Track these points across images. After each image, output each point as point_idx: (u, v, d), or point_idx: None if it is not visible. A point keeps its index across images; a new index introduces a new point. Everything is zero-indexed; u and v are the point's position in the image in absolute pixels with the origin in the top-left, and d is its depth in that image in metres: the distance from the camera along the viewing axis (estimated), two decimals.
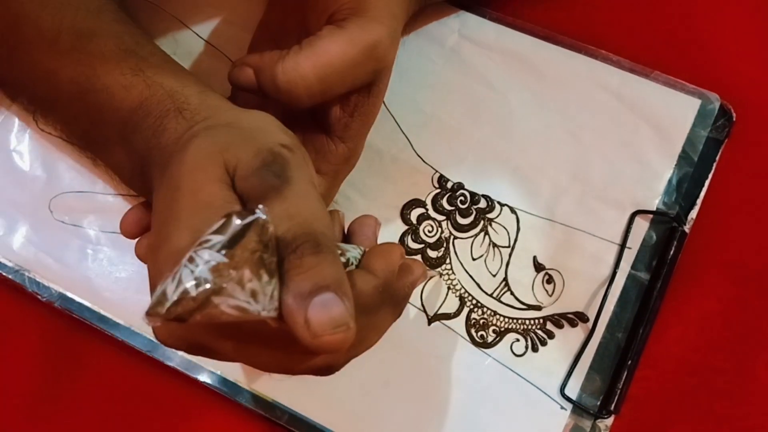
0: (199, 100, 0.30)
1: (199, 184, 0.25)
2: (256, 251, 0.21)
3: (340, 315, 0.22)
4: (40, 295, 0.38)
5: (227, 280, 0.20)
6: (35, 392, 0.38)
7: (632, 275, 0.36)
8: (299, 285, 0.22)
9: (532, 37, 0.39)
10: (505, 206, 0.38)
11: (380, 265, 0.28)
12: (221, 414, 0.37)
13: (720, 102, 0.37)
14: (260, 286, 0.21)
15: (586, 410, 0.35)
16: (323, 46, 0.30)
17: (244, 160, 0.26)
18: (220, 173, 0.26)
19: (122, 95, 0.31)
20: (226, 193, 0.25)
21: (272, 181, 0.25)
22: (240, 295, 0.21)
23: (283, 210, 0.24)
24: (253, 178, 0.25)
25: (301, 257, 0.23)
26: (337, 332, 0.22)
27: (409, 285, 0.30)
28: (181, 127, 0.29)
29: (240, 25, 0.40)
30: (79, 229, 0.39)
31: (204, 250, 0.20)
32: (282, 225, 0.24)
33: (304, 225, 0.24)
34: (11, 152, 0.40)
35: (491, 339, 0.37)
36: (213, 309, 0.20)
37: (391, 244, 0.30)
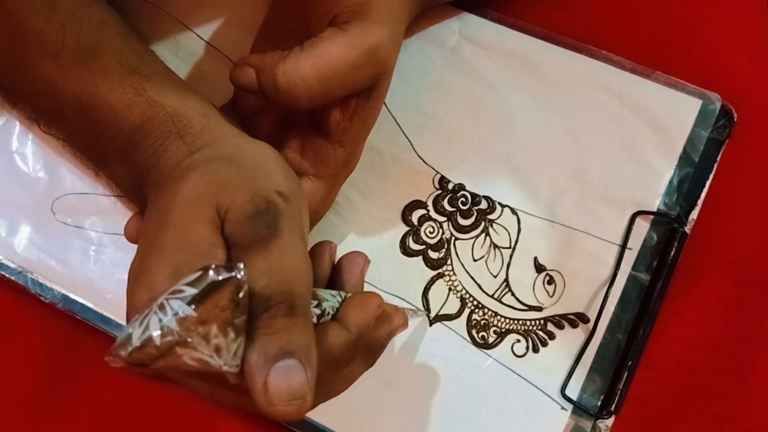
0: (201, 124, 0.30)
1: (187, 222, 0.25)
2: (226, 309, 0.21)
3: (299, 386, 0.22)
4: (42, 296, 0.39)
5: (193, 334, 0.20)
6: (38, 393, 0.38)
7: (633, 276, 0.36)
8: (266, 345, 0.22)
9: (532, 37, 0.39)
10: (506, 207, 0.38)
11: (355, 319, 0.28)
12: (222, 415, 0.37)
13: (721, 102, 0.37)
14: (225, 342, 0.21)
15: (587, 411, 0.35)
16: (324, 47, 0.30)
17: (238, 203, 0.25)
18: (210, 214, 0.25)
19: (125, 114, 0.31)
20: (213, 236, 0.25)
21: (261, 232, 0.25)
22: (204, 349, 0.21)
23: (265, 264, 0.24)
24: (242, 225, 0.25)
25: (274, 318, 0.23)
26: (292, 404, 0.22)
27: (386, 335, 0.30)
28: (181, 152, 0.29)
29: (242, 26, 0.40)
30: (82, 231, 0.40)
31: (176, 300, 0.20)
32: (261, 280, 0.23)
33: (283, 284, 0.24)
34: (13, 154, 0.41)
35: (492, 340, 0.37)
36: (175, 359, 0.20)
37: (368, 294, 0.30)
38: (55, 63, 0.32)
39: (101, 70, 0.31)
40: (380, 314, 0.30)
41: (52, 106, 0.33)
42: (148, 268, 0.25)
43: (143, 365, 0.20)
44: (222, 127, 0.31)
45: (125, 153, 0.31)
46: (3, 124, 0.41)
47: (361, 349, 0.28)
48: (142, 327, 0.20)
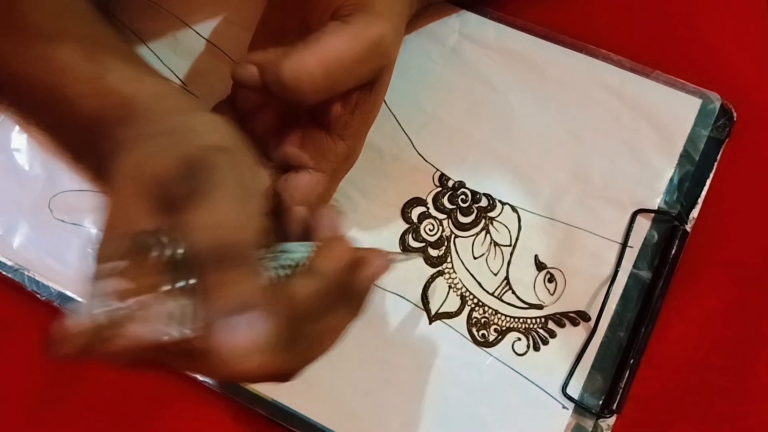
0: (154, 105, 0.29)
1: (123, 201, 0.24)
2: (165, 272, 0.20)
3: (253, 340, 0.21)
4: (39, 294, 0.38)
5: (136, 306, 0.19)
6: (35, 391, 0.38)
7: (634, 274, 0.36)
8: (214, 303, 0.21)
9: (532, 36, 0.39)
10: (507, 205, 0.38)
11: (324, 265, 0.27)
12: (222, 414, 0.37)
13: (721, 101, 0.38)
14: (175, 306, 0.20)
15: (588, 409, 0.35)
16: (329, 41, 0.29)
17: (166, 168, 0.24)
18: (143, 189, 0.24)
19: (81, 104, 0.29)
20: (146, 210, 0.24)
21: (190, 189, 0.24)
22: (154, 318, 0.20)
23: (199, 221, 0.23)
24: (172, 187, 0.24)
25: (216, 272, 0.22)
26: (250, 360, 0.21)
27: (366, 279, 0.28)
28: (130, 137, 0.28)
29: (240, 23, 0.40)
30: (79, 228, 0.39)
31: (109, 279, 0.20)
32: (197, 237, 0.22)
33: (221, 237, 0.23)
34: (11, 151, 0.40)
35: (493, 338, 0.37)
36: (125, 337, 0.19)
37: (335, 239, 0.29)
38: (25, 55, 0.31)
39: (60, 62, 0.30)
40: (356, 258, 0.28)
41: (20, 99, 0.32)
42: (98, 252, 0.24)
43: (93, 351, 0.19)
44: (174, 106, 0.29)
45: (86, 145, 0.30)
46: (0, 122, 0.41)
47: (339, 297, 0.27)
48: (80, 314, 0.19)
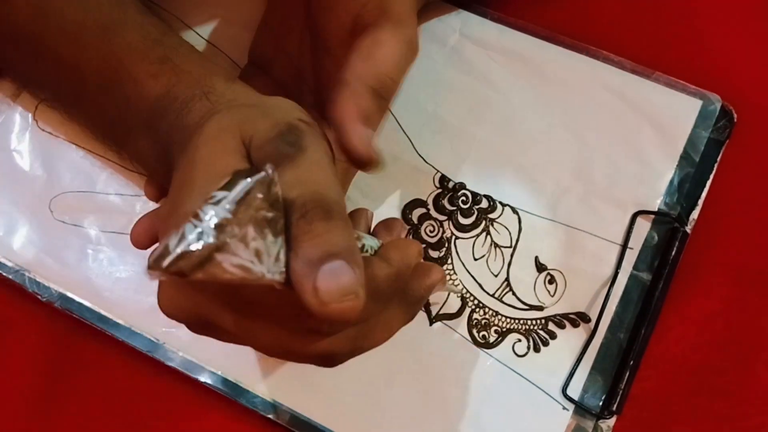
0: (225, 86, 0.30)
1: (214, 155, 0.25)
2: (260, 209, 0.21)
3: (349, 283, 0.22)
4: (40, 295, 0.38)
5: (230, 236, 0.20)
6: (35, 392, 0.38)
7: (634, 275, 0.36)
8: (308, 251, 0.22)
9: (533, 37, 0.39)
10: (507, 206, 0.38)
11: (396, 255, 0.28)
12: (222, 414, 0.37)
13: (721, 103, 0.38)
14: (264, 245, 0.21)
15: (589, 410, 0.35)
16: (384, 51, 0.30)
17: (261, 130, 0.26)
18: (235, 144, 0.26)
19: (150, 83, 0.31)
20: (240, 164, 0.25)
21: (286, 149, 0.25)
22: (243, 253, 0.20)
23: (294, 176, 0.24)
24: (267, 147, 0.25)
25: (311, 222, 0.22)
26: (345, 301, 0.21)
27: (425, 287, 0.30)
28: (206, 108, 0.29)
29: (241, 24, 0.40)
30: (80, 229, 0.39)
31: (209, 207, 0.20)
32: (293, 190, 0.23)
33: (316, 191, 0.24)
34: (11, 152, 0.40)
35: (493, 339, 0.37)
36: (215, 266, 0.20)
37: (409, 240, 0.30)
38: (76, 43, 0.32)
39: (125, 46, 0.31)
40: (420, 265, 0.30)
41: (73, 89, 0.33)
42: (179, 203, 0.25)
43: (183, 274, 0.19)
44: (245, 89, 0.31)
45: (149, 123, 0.31)
46: (1, 122, 0.41)
47: (401, 294, 0.28)
48: (178, 237, 0.19)
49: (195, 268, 0.20)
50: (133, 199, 0.39)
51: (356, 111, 0.29)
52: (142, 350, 0.37)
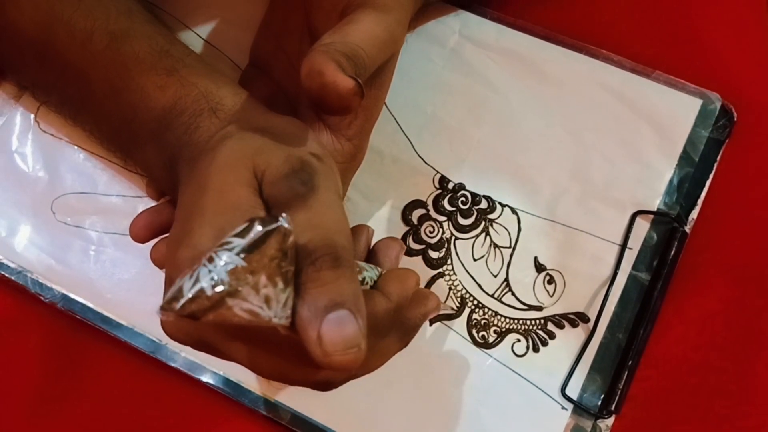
0: (233, 101, 0.30)
1: (227, 185, 0.26)
2: (274, 258, 0.21)
3: (353, 335, 0.22)
4: (42, 296, 0.39)
5: (243, 283, 0.20)
6: (38, 393, 0.38)
7: (633, 275, 0.36)
8: (315, 298, 0.22)
9: (532, 37, 0.39)
10: (506, 207, 0.38)
11: (395, 289, 0.28)
12: (224, 415, 0.38)
13: (721, 102, 0.37)
14: (275, 293, 0.21)
15: (587, 410, 0.35)
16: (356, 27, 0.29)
17: (274, 165, 0.26)
18: (248, 177, 0.26)
19: (157, 95, 0.31)
20: (252, 197, 0.25)
21: (298, 189, 0.25)
22: (254, 299, 0.21)
23: (306, 219, 0.24)
24: (280, 184, 0.25)
25: (320, 270, 0.23)
26: (348, 353, 0.22)
27: (421, 316, 0.30)
28: (214, 126, 0.29)
29: (241, 25, 0.40)
30: (82, 231, 0.39)
31: (224, 252, 0.20)
32: (304, 234, 0.24)
33: (326, 237, 0.24)
34: (13, 154, 0.41)
35: (492, 339, 0.37)
36: (226, 310, 0.20)
37: (408, 270, 0.30)
38: (84, 50, 0.32)
39: (132, 55, 0.31)
40: (416, 293, 0.30)
41: (80, 95, 0.33)
42: (190, 230, 0.25)
43: (195, 317, 0.20)
44: (253, 104, 0.31)
45: (156, 134, 0.31)
46: (3, 124, 0.41)
47: (398, 324, 0.28)
48: (192, 280, 0.20)
49: (206, 311, 0.20)
50: (135, 200, 0.40)
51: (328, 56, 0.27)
52: (145, 351, 0.38)
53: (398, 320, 0.28)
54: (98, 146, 0.39)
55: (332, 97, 0.27)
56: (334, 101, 0.27)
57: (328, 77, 0.26)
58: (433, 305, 0.31)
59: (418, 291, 0.31)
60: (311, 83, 0.27)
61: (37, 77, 0.36)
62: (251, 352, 0.26)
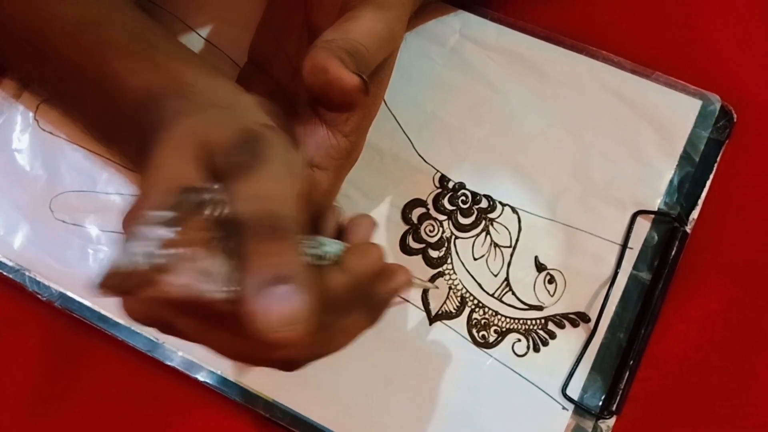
0: (204, 82, 0.30)
1: (170, 160, 0.25)
2: (208, 229, 0.21)
3: (294, 311, 0.21)
4: (40, 294, 0.38)
5: (176, 256, 0.20)
6: (35, 391, 0.38)
7: (634, 275, 0.36)
8: (256, 271, 0.21)
9: (533, 37, 0.39)
10: (507, 206, 0.38)
11: (354, 263, 0.27)
12: (221, 414, 0.37)
13: (721, 103, 0.37)
14: (212, 265, 0.21)
15: (588, 410, 0.35)
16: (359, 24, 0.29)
17: (221, 135, 0.25)
18: (195, 150, 0.25)
19: (131, 80, 0.30)
20: (195, 171, 0.24)
21: (245, 158, 0.24)
22: (189, 272, 0.20)
23: (250, 189, 0.23)
24: (227, 154, 0.25)
25: (261, 242, 0.22)
26: (291, 329, 0.21)
27: (389, 290, 0.29)
28: (181, 106, 0.29)
29: (241, 24, 0.40)
30: (80, 229, 0.39)
31: (156, 226, 0.20)
32: (247, 205, 0.23)
33: (270, 208, 0.23)
34: (12, 152, 0.40)
35: (493, 339, 0.37)
36: (162, 285, 0.20)
37: (370, 244, 0.29)
38: (71, 39, 0.32)
39: (107, 40, 0.31)
40: (384, 269, 0.29)
41: (62, 83, 0.33)
42: (135, 209, 0.24)
43: (129, 293, 0.20)
44: (224, 85, 0.30)
45: (132, 121, 0.31)
46: (2, 122, 0.41)
47: (361, 301, 0.28)
48: (126, 255, 0.20)
49: (141, 287, 0.20)
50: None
51: (330, 53, 0.27)
52: (142, 349, 0.37)
53: (362, 296, 0.27)
54: (93, 140, 0.39)
55: (336, 94, 0.27)
56: (338, 97, 0.27)
57: (332, 74, 0.26)
58: (402, 280, 0.30)
59: (386, 266, 0.29)
60: (314, 80, 0.27)
61: (24, 66, 0.36)
62: (208, 332, 0.25)
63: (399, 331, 0.37)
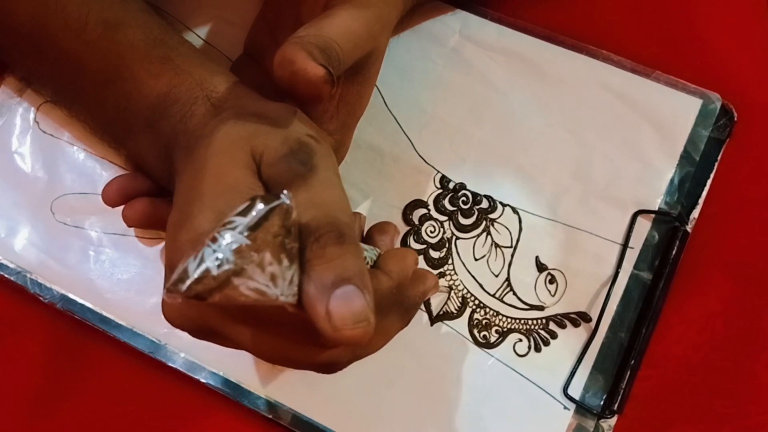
0: (227, 88, 0.31)
1: (224, 168, 0.26)
2: (278, 236, 0.21)
3: (361, 309, 0.22)
4: (42, 296, 0.38)
5: (248, 262, 0.20)
6: (37, 394, 0.38)
7: (635, 275, 0.36)
8: (321, 275, 0.22)
9: (533, 37, 0.39)
10: (507, 206, 0.38)
11: (396, 267, 0.28)
12: (223, 415, 0.37)
13: (721, 102, 0.38)
14: (280, 270, 0.21)
15: (590, 410, 0.35)
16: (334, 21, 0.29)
17: (272, 147, 0.26)
18: (246, 159, 0.26)
19: (151, 83, 0.31)
20: (250, 179, 0.26)
21: (298, 169, 0.25)
22: (260, 277, 0.21)
23: (307, 198, 0.24)
24: (279, 165, 0.26)
25: (325, 247, 0.23)
26: (357, 327, 0.22)
27: (421, 294, 0.30)
28: (210, 113, 0.29)
29: (240, 25, 0.40)
30: (81, 231, 0.39)
31: (227, 232, 0.20)
32: (306, 213, 0.24)
33: (329, 214, 0.24)
34: (13, 154, 0.40)
35: (494, 339, 0.37)
36: (232, 290, 0.20)
37: (406, 249, 0.31)
38: (78, 39, 0.32)
39: (127, 43, 0.31)
40: (415, 272, 0.30)
41: (74, 84, 0.33)
42: (190, 214, 0.25)
43: (201, 298, 0.20)
44: (246, 91, 0.31)
45: (150, 123, 0.31)
46: (2, 124, 0.41)
47: (399, 303, 0.28)
48: (197, 261, 0.20)
49: (213, 292, 0.20)
50: None
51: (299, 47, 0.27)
52: (144, 351, 0.37)
53: (399, 299, 0.28)
54: (93, 137, 0.39)
55: (302, 84, 0.28)
56: (304, 88, 0.28)
57: (298, 65, 0.27)
58: (432, 283, 0.31)
59: (417, 270, 0.31)
60: (282, 71, 0.28)
61: (32, 67, 0.36)
62: (255, 335, 0.26)
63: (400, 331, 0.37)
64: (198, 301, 0.20)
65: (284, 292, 0.22)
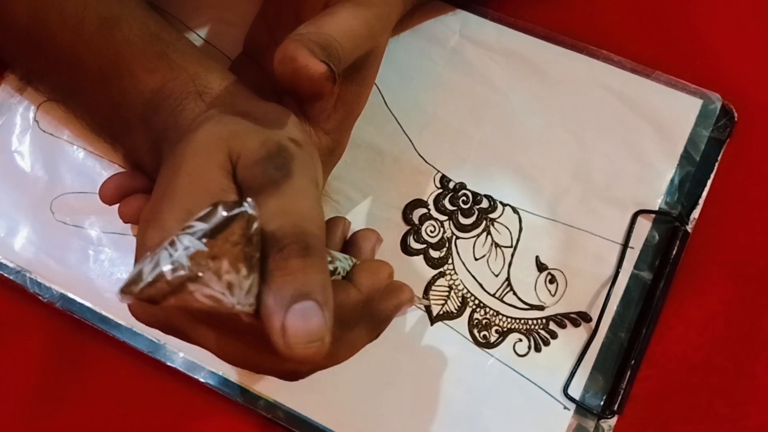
0: (220, 85, 0.30)
1: (200, 168, 0.25)
2: (238, 244, 0.21)
3: (317, 328, 0.21)
4: (41, 296, 0.38)
5: (204, 269, 0.20)
6: (36, 393, 0.38)
7: (635, 275, 0.36)
8: (281, 287, 0.22)
9: (533, 37, 0.39)
10: (507, 206, 0.38)
11: (366, 281, 0.28)
12: (222, 415, 0.37)
13: (721, 102, 0.38)
14: (237, 279, 0.21)
15: (590, 410, 0.35)
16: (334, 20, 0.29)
17: (249, 148, 0.26)
18: (221, 159, 0.26)
19: (146, 78, 0.31)
20: (224, 181, 0.25)
21: (273, 174, 0.25)
22: (215, 285, 0.20)
23: (277, 205, 0.24)
24: (254, 168, 0.25)
25: (287, 258, 0.22)
26: (310, 347, 0.21)
27: (393, 307, 0.30)
28: (199, 109, 0.29)
29: (240, 25, 0.40)
30: (81, 230, 0.39)
31: (185, 236, 0.20)
32: (273, 221, 0.23)
33: (296, 224, 0.23)
34: (12, 153, 0.40)
35: (494, 339, 0.37)
36: (186, 295, 0.20)
37: (381, 262, 0.30)
38: (75, 35, 0.32)
39: (123, 39, 0.31)
40: (389, 285, 0.30)
41: (72, 81, 0.33)
42: (159, 212, 0.25)
43: (154, 301, 0.20)
44: (239, 89, 0.31)
45: (144, 117, 0.31)
46: (2, 123, 0.41)
47: (368, 316, 0.28)
48: (152, 263, 0.20)
49: (167, 296, 0.20)
50: None
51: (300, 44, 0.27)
52: (143, 351, 0.37)
53: (368, 312, 0.28)
54: (91, 134, 0.39)
55: (304, 82, 0.27)
56: (305, 85, 0.28)
57: (300, 62, 0.27)
58: (407, 297, 0.30)
59: (392, 282, 0.30)
60: (284, 68, 0.27)
61: (31, 65, 0.36)
62: (217, 338, 0.25)
63: (400, 331, 0.37)
64: (151, 304, 0.20)
65: (241, 301, 0.21)
